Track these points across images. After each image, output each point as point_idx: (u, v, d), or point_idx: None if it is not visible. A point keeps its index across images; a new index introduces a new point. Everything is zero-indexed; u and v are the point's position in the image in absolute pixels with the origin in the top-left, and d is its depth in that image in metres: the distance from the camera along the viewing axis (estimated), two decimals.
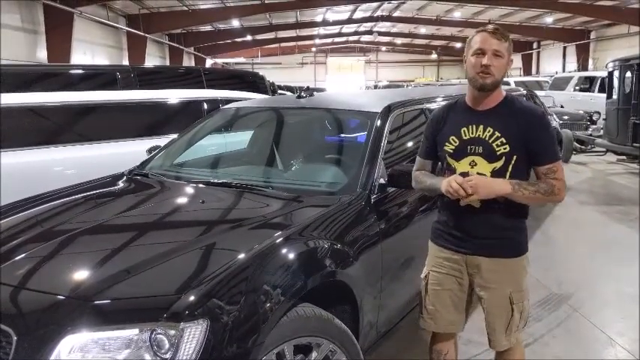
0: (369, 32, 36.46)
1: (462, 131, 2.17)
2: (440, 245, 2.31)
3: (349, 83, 42.49)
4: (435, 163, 2.34)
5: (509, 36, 2.10)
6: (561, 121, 10.30)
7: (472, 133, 2.15)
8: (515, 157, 2.09)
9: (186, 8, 22.03)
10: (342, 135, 3.51)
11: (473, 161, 2.13)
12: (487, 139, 2.11)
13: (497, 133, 2.10)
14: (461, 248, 2.23)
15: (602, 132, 10.79)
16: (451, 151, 2.19)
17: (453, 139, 2.19)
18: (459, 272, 2.25)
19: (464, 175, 2.13)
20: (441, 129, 2.26)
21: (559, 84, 16.25)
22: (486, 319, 2.26)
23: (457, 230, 2.23)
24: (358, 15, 29.61)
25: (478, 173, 2.11)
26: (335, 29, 34.94)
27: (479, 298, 2.26)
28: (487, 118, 2.14)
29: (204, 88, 7.11)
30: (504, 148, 2.09)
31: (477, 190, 2.01)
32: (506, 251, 2.19)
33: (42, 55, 15.02)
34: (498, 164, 2.10)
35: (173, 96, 5.39)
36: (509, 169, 2.10)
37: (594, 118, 12.10)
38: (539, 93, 8.77)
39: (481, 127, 2.13)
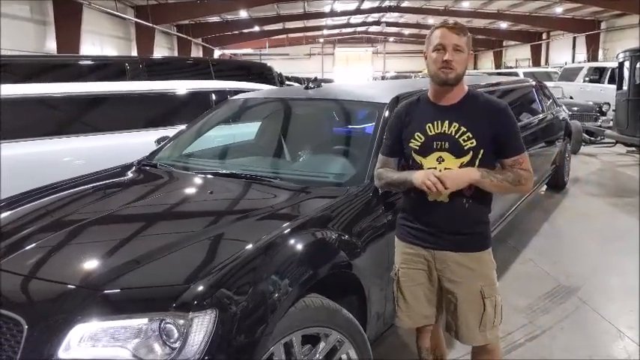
0: (377, 23, 36.29)
1: (427, 127, 2.15)
2: (407, 242, 2.28)
3: (357, 74, 42.38)
4: (400, 161, 2.32)
5: (467, 31, 2.12)
6: (571, 113, 10.20)
7: (437, 129, 2.14)
8: (482, 150, 2.10)
9: None
10: (350, 126, 3.50)
11: (440, 157, 2.13)
12: (453, 134, 2.11)
13: (463, 128, 2.10)
14: (428, 243, 2.21)
15: (611, 123, 10.70)
16: (417, 147, 2.17)
17: (418, 136, 2.17)
18: (428, 267, 2.24)
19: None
20: (405, 126, 2.24)
21: (568, 75, 16.11)
22: (456, 313, 2.22)
23: (424, 225, 2.21)
24: (366, 5, 29.47)
25: (446, 169, 2.11)
26: (343, 20, 34.80)
27: (448, 292, 2.22)
28: (452, 113, 2.14)
29: (212, 79, 7.12)
30: (471, 143, 2.09)
31: (447, 184, 2.02)
32: (474, 245, 2.19)
33: (51, 46, 15.09)
34: (466, 159, 2.11)
35: (181, 87, 5.40)
36: (477, 163, 2.11)
37: (604, 109, 12.00)
38: (548, 84, 8.66)
39: (446, 122, 2.13)
